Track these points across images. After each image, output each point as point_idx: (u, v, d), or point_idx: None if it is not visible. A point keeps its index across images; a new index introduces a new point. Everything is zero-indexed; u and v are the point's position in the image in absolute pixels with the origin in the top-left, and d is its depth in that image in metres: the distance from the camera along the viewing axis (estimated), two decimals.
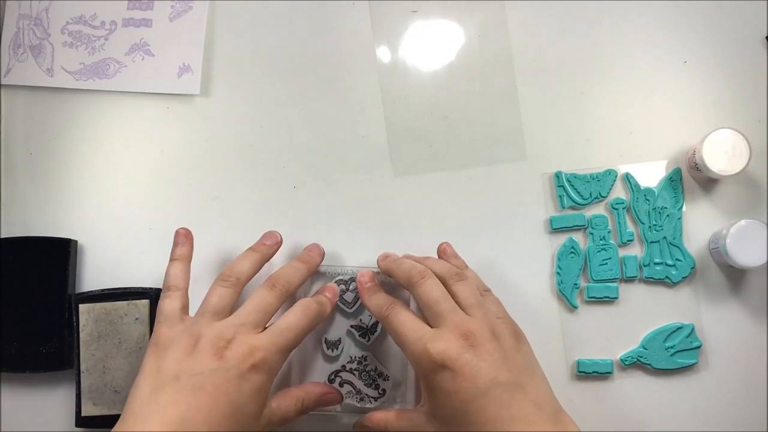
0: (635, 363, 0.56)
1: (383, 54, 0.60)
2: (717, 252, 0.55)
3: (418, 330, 0.47)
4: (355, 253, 0.58)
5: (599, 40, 0.60)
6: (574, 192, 0.57)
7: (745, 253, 0.53)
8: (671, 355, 0.56)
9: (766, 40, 0.59)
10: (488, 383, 0.44)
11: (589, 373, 0.56)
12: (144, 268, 0.58)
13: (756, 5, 0.59)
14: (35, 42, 0.60)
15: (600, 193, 0.57)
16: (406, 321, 0.48)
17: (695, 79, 0.59)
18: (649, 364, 0.56)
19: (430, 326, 0.47)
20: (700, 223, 0.57)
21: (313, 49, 0.60)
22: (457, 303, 0.48)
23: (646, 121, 0.59)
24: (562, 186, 0.58)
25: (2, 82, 0.60)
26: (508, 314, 0.51)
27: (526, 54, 0.60)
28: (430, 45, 0.60)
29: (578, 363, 0.56)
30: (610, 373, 0.56)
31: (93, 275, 0.58)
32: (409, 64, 0.60)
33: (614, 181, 0.58)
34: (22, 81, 0.60)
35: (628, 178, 0.57)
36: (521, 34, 0.60)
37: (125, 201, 0.59)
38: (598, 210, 0.58)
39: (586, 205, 0.58)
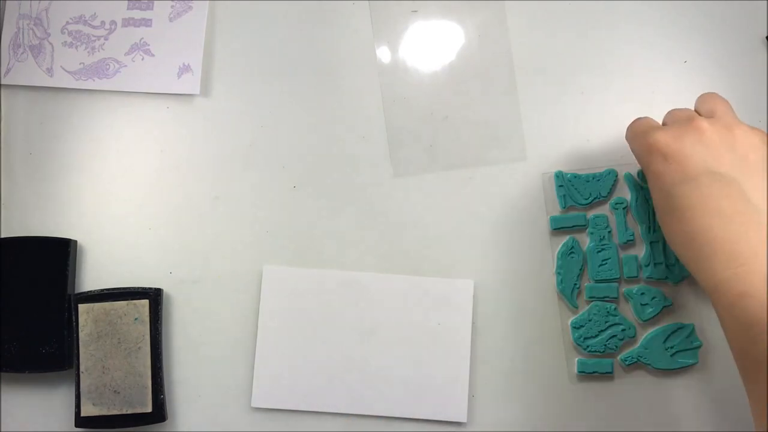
0: (636, 363, 0.56)
1: (383, 54, 0.60)
2: None
3: (650, 123, 0.49)
4: (355, 254, 0.58)
5: (599, 40, 0.60)
6: (575, 192, 0.57)
7: None
8: (672, 355, 0.55)
9: (766, 40, 0.59)
10: (698, 169, 0.43)
11: (589, 373, 0.56)
12: (144, 268, 0.58)
13: (756, 5, 0.59)
14: (35, 42, 0.60)
15: (600, 194, 0.57)
16: (643, 121, 0.50)
17: (695, 79, 0.59)
18: (650, 364, 0.56)
19: None
20: None
21: (313, 49, 0.60)
22: (700, 112, 0.49)
23: None
24: (563, 186, 0.58)
25: (2, 82, 0.60)
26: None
27: (526, 54, 0.60)
28: (430, 45, 0.60)
29: (578, 363, 0.56)
30: (610, 373, 0.56)
31: (93, 275, 0.58)
32: (409, 64, 0.60)
33: (615, 181, 0.58)
34: (22, 81, 0.60)
35: (628, 179, 0.57)
36: (521, 34, 0.60)
37: (125, 201, 0.59)
38: (599, 210, 0.58)
39: (586, 205, 0.57)
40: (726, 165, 0.44)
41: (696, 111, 0.51)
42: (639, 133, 0.49)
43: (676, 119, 0.49)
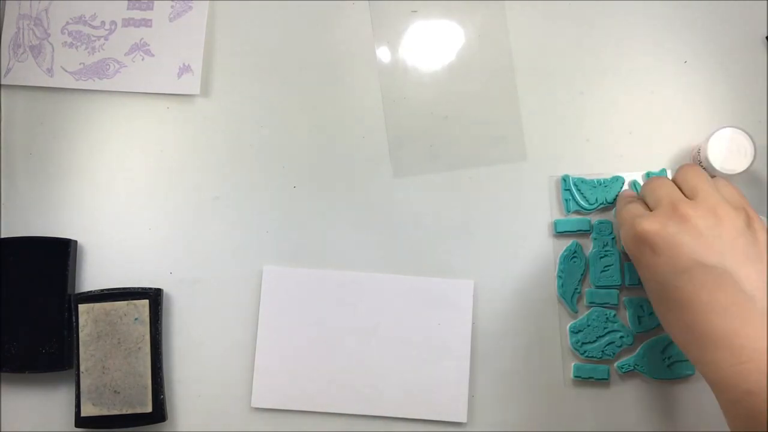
0: (632, 371, 0.56)
1: (383, 54, 0.60)
2: None
3: (635, 211, 0.47)
4: (355, 254, 0.58)
5: (599, 40, 0.60)
6: (581, 197, 0.57)
7: None
8: (668, 366, 0.55)
9: (766, 40, 0.59)
10: (689, 261, 0.41)
11: (585, 378, 0.56)
12: (144, 268, 0.58)
13: (756, 5, 0.59)
14: (35, 42, 0.60)
15: (606, 199, 0.57)
16: (630, 208, 0.49)
17: (695, 79, 0.59)
18: (646, 373, 0.55)
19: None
20: None
21: (313, 49, 0.60)
22: (682, 189, 0.47)
23: (645, 121, 0.59)
24: (569, 190, 0.57)
25: (2, 82, 0.60)
26: (746, 201, 0.47)
27: (526, 54, 0.60)
28: (430, 45, 0.60)
29: (574, 368, 0.56)
30: (606, 379, 0.56)
31: (93, 275, 0.58)
32: (409, 64, 0.60)
33: (621, 187, 0.57)
34: (22, 81, 0.60)
35: (635, 186, 0.57)
36: (521, 34, 0.60)
37: (125, 201, 0.59)
38: (604, 216, 0.58)
39: (591, 210, 0.57)
40: (716, 255, 0.42)
41: (677, 185, 0.49)
42: (625, 222, 0.48)
43: (658, 201, 0.47)
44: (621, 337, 0.55)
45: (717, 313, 0.39)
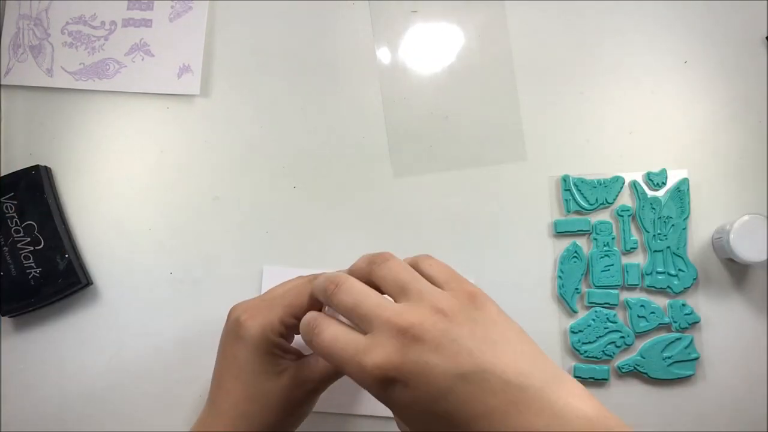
0: (632, 371, 0.56)
1: (383, 54, 0.60)
2: (719, 243, 0.55)
3: (351, 343, 0.37)
4: (355, 254, 0.58)
5: (599, 40, 0.60)
6: (581, 197, 0.57)
7: (748, 248, 0.53)
8: (668, 366, 0.55)
9: (766, 40, 0.59)
10: (446, 381, 0.34)
11: (585, 378, 0.56)
12: (144, 269, 0.58)
13: (756, 5, 0.59)
14: (35, 42, 0.60)
15: (606, 199, 0.57)
16: (341, 339, 0.37)
17: (695, 79, 0.59)
18: (646, 373, 0.55)
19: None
20: (703, 220, 0.57)
21: (313, 49, 0.60)
22: (386, 289, 0.39)
23: (645, 121, 0.59)
24: (569, 190, 0.57)
25: (2, 82, 0.60)
26: (456, 274, 0.40)
27: (526, 54, 0.60)
28: (430, 45, 0.60)
29: (574, 368, 0.56)
30: (606, 380, 0.56)
31: (93, 275, 0.58)
32: (409, 64, 0.60)
33: (621, 188, 0.57)
34: (22, 81, 0.60)
35: (635, 186, 0.57)
36: (521, 34, 0.60)
37: (125, 201, 0.59)
38: (604, 216, 0.58)
39: (591, 210, 0.57)
40: (465, 357, 0.34)
41: (374, 284, 0.40)
42: (347, 363, 0.37)
43: (368, 319, 0.37)
44: (621, 337, 0.56)
45: (487, 417, 0.34)
